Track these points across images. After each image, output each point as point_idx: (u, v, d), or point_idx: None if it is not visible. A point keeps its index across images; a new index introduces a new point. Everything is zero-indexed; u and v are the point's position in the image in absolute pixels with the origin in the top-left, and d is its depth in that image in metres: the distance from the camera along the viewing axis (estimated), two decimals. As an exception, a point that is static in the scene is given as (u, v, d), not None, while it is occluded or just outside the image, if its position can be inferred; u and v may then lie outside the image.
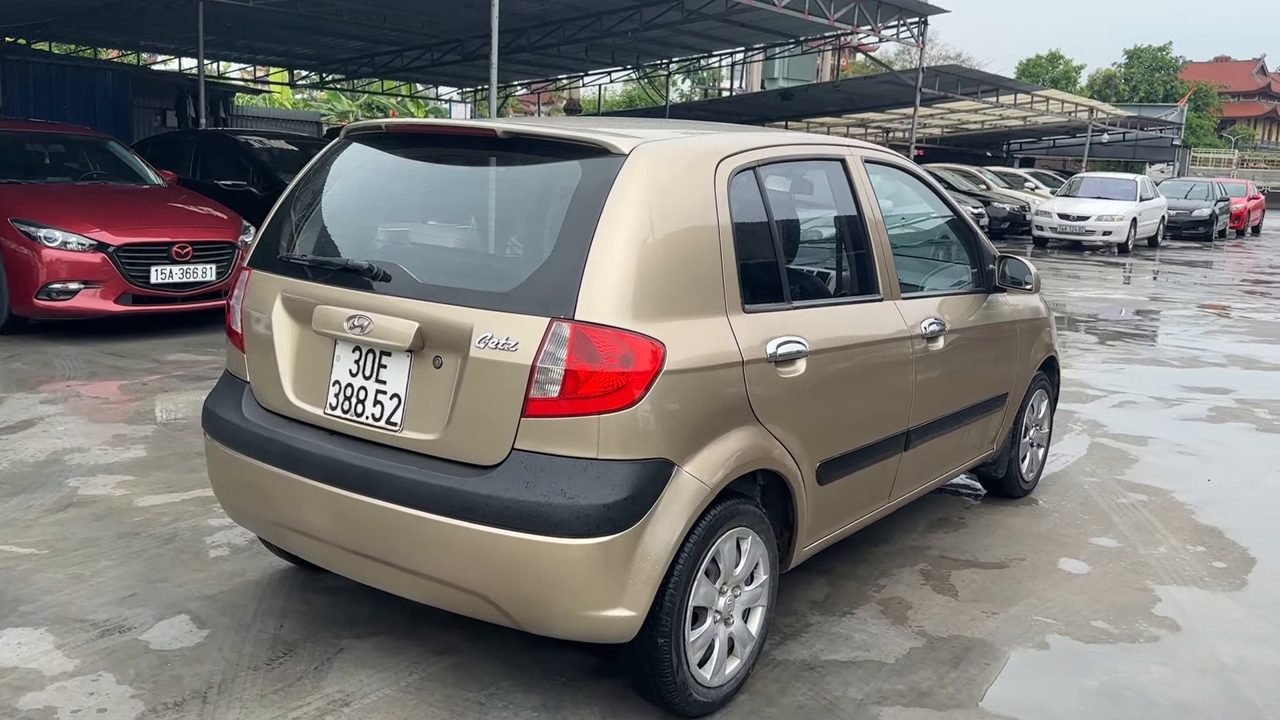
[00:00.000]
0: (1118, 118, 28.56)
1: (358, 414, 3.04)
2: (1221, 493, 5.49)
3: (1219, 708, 3.28)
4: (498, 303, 2.81)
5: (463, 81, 26.15)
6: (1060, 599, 4.04)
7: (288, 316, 3.23)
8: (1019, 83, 21.86)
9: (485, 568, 2.77)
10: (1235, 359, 9.68)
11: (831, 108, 25.32)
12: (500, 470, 2.76)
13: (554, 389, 2.71)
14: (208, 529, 4.36)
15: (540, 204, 3.04)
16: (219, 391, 3.52)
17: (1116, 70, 76.12)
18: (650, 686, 2.96)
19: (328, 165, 3.45)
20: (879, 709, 3.17)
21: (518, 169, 3.16)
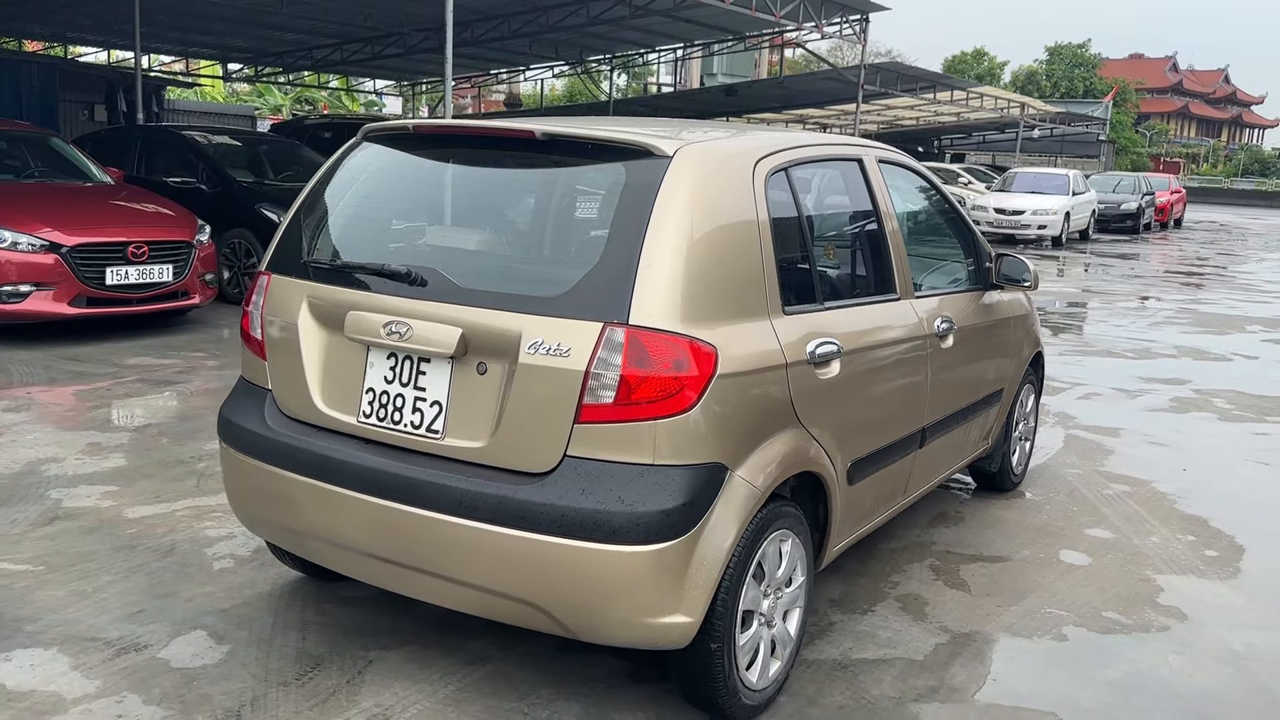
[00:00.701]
0: (1047, 114, 29.24)
1: (395, 422, 2.97)
2: (1198, 482, 5.65)
3: (1240, 696, 3.37)
4: (546, 308, 2.76)
5: (402, 75, 25.79)
6: (1068, 590, 4.12)
7: (315, 323, 3.14)
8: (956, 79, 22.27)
9: (539, 576, 2.73)
10: (1185, 350, 9.97)
11: (773, 104, 25.51)
12: (553, 478, 2.72)
13: (608, 395, 2.67)
14: (206, 540, 4.24)
15: (583, 207, 3.00)
16: (236, 400, 3.41)
17: (1038, 67, 77.86)
18: (702, 692, 2.95)
19: (345, 167, 3.37)
20: (918, 706, 3.20)
21: (557, 171, 3.11)
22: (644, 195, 2.80)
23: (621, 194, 2.84)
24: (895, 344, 3.67)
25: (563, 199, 3.12)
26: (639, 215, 2.77)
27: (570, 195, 3.09)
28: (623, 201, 2.83)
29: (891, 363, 3.64)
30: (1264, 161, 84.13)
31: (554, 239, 3.11)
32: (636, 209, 2.78)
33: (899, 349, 3.70)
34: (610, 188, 2.89)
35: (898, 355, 3.69)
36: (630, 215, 2.79)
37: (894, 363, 3.66)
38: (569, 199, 3.09)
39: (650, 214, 2.76)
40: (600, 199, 2.95)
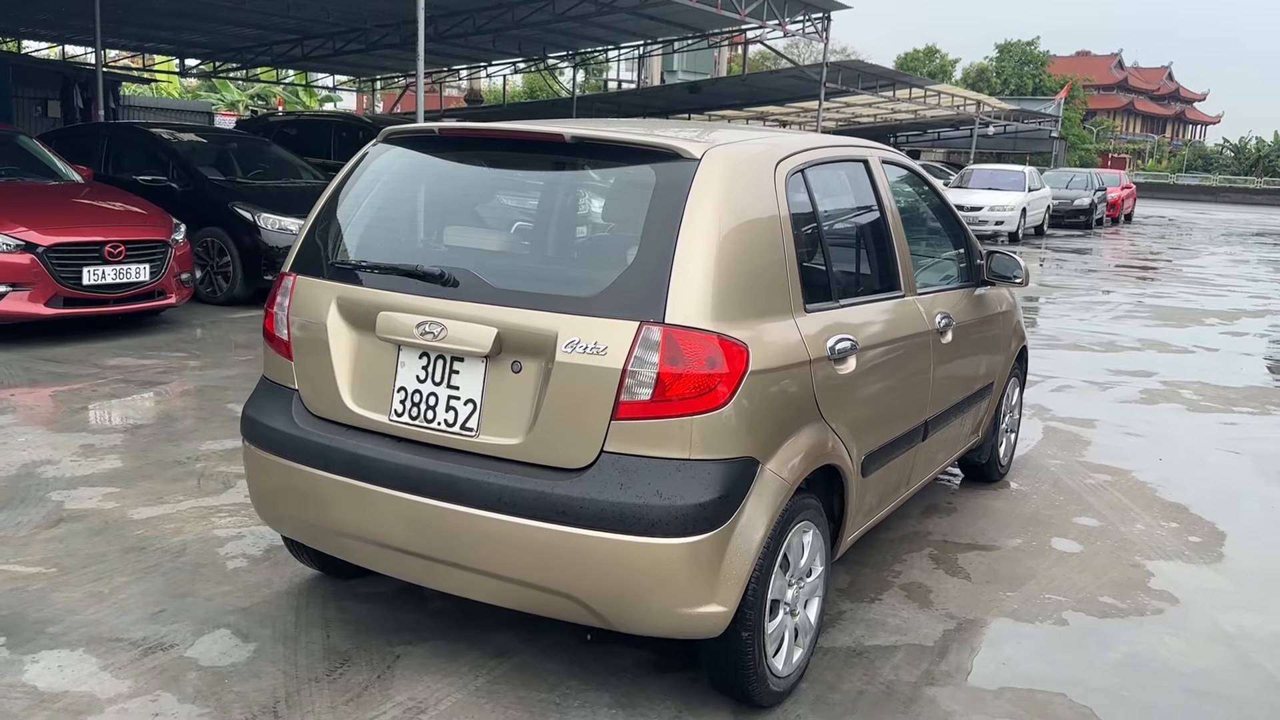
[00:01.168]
0: (1001, 110, 29.73)
1: (428, 420, 3.02)
2: (1175, 471, 5.84)
3: (1235, 673, 3.53)
4: (582, 307, 2.83)
5: (361, 71, 25.60)
6: (1064, 577, 4.27)
7: (344, 323, 3.18)
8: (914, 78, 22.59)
9: (577, 569, 2.80)
10: (1148, 342, 10.24)
11: (735, 101, 25.72)
12: (591, 473, 2.79)
13: (645, 392, 2.75)
14: (216, 540, 4.25)
15: (614, 208, 3.07)
16: (259, 399, 3.44)
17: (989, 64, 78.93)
18: (732, 680, 3.03)
19: (367, 170, 3.41)
20: (934, 690, 3.31)
21: (586, 174, 3.18)
22: (674, 197, 2.87)
23: (652, 196, 2.92)
24: (904, 340, 3.79)
25: (592, 201, 3.18)
26: (670, 216, 2.85)
27: (600, 197, 3.16)
28: (654, 203, 2.90)
29: (901, 358, 3.76)
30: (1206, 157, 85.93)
31: (585, 240, 3.17)
32: (667, 210, 2.86)
33: (907, 345, 3.81)
34: (640, 190, 2.96)
35: (906, 351, 3.80)
36: (662, 216, 2.86)
37: (903, 358, 3.78)
38: (598, 201, 3.16)
39: (682, 215, 2.84)
40: (630, 201, 3.02)
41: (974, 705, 3.23)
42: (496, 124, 3.16)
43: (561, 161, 3.19)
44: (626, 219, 3.00)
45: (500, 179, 3.30)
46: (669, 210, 2.86)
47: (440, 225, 3.32)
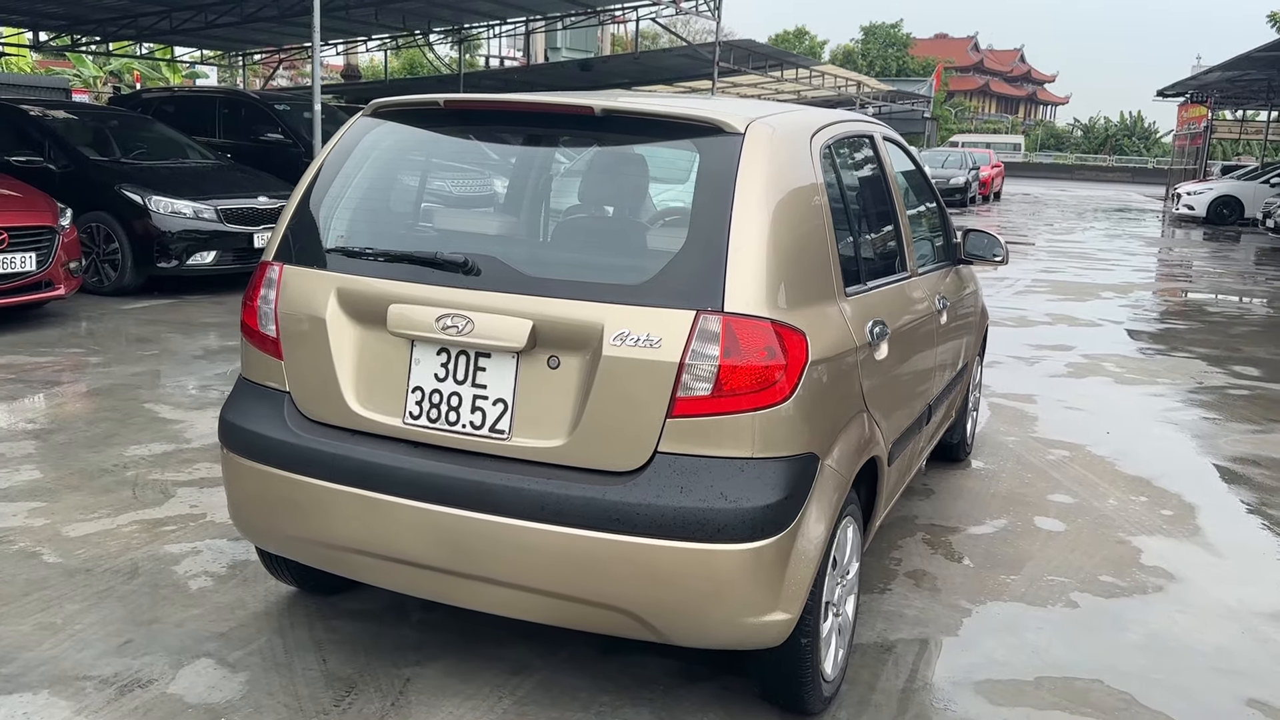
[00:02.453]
0: (879, 91, 30.33)
1: (450, 422, 2.75)
2: (1125, 444, 5.93)
3: (1251, 648, 3.54)
4: (630, 296, 2.60)
5: (232, 45, 24.35)
6: (1059, 557, 4.24)
7: (346, 317, 2.87)
8: (802, 58, 22.76)
9: (633, 580, 2.57)
10: (1057, 317, 10.50)
11: (625, 79, 25.46)
12: (646, 476, 2.57)
13: (704, 387, 2.54)
14: (170, 557, 3.86)
15: (655, 188, 2.84)
16: (240, 403, 3.09)
17: (855, 46, 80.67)
18: (788, 689, 2.86)
19: (358, 146, 3.08)
20: (973, 684, 3.21)
21: (620, 149, 2.93)
22: (723, 174, 2.66)
23: (698, 173, 2.70)
24: (919, 322, 3.67)
25: (627, 179, 2.94)
26: (720, 196, 2.63)
27: (635, 175, 2.92)
28: (700, 182, 2.68)
29: (917, 341, 3.64)
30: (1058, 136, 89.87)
31: (624, 222, 2.93)
32: (717, 189, 2.65)
33: (921, 327, 3.70)
34: (682, 166, 2.74)
35: (920, 334, 3.69)
36: (710, 196, 2.65)
37: (918, 341, 3.66)
38: (634, 179, 2.92)
39: (733, 194, 2.63)
40: (672, 179, 2.80)
41: (1017, 697, 3.15)
42: (510, 96, 2.88)
43: (588, 136, 2.93)
44: (668, 198, 2.78)
45: (519, 156, 3.02)
46: (718, 189, 2.65)
47: (453, 207, 3.03)
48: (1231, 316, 11.28)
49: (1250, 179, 26.95)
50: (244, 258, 9.70)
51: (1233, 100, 33.02)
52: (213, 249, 9.40)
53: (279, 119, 12.48)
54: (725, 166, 2.67)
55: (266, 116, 12.57)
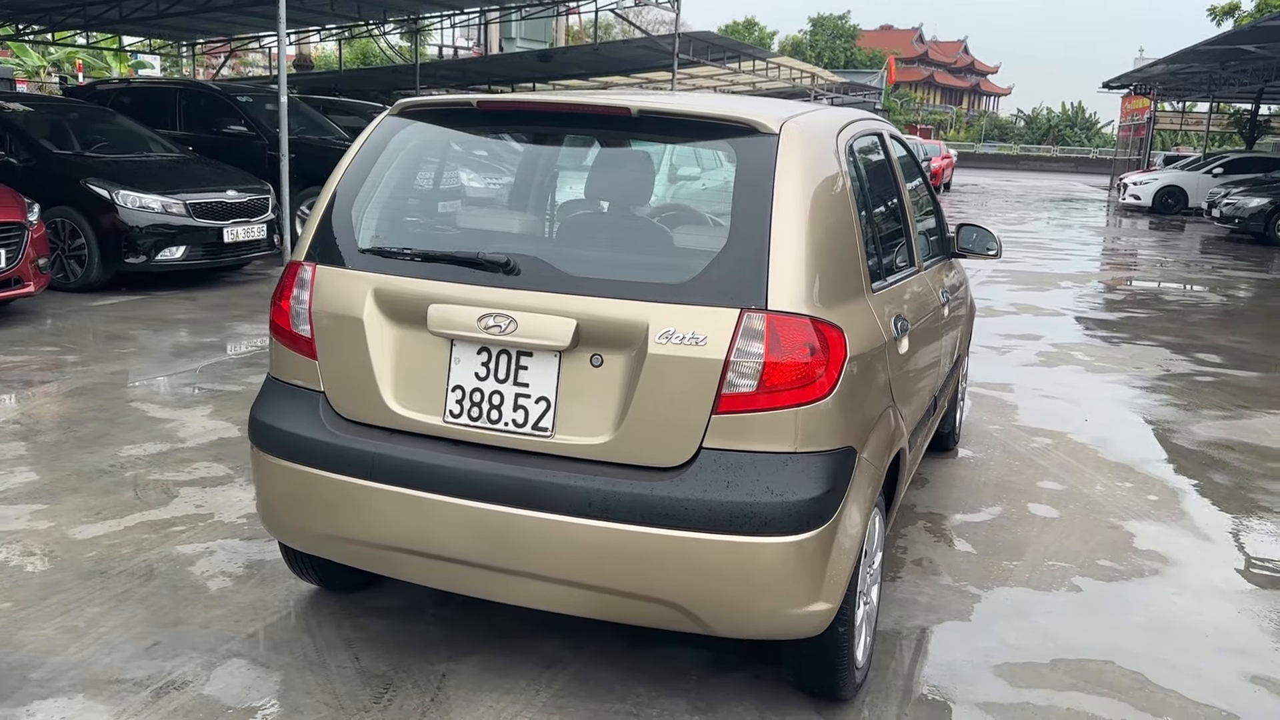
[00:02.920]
0: (833, 83, 30.60)
1: (492, 421, 2.78)
2: (1104, 432, 6.10)
3: (1248, 628, 3.68)
4: (674, 295, 2.65)
5: (183, 35, 23.88)
6: (1056, 543, 4.37)
7: (384, 317, 2.88)
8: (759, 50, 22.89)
9: (681, 574, 2.63)
10: (1021, 306, 10.71)
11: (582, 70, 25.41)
12: (692, 471, 2.62)
13: (749, 384, 2.60)
14: (184, 558, 3.84)
15: (689, 187, 2.88)
16: (271, 402, 3.09)
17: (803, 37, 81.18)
18: (824, 678, 2.93)
19: (388, 147, 3.09)
20: (993, 667, 3.31)
21: (654, 149, 2.97)
22: (761, 173, 2.72)
23: (737, 173, 2.75)
24: (930, 315, 3.76)
25: (665, 179, 2.98)
26: (760, 195, 2.69)
27: (673, 175, 2.97)
28: (740, 181, 2.74)
29: (929, 334, 3.73)
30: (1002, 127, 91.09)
31: (664, 221, 2.97)
32: (756, 188, 2.70)
33: (932, 320, 3.79)
34: (719, 166, 2.79)
35: (931, 327, 3.78)
36: (750, 195, 2.70)
37: (930, 334, 3.75)
38: (672, 179, 2.96)
39: (772, 193, 2.69)
40: (710, 178, 2.85)
41: (1035, 679, 3.25)
42: (544, 96, 2.91)
43: (624, 137, 2.96)
44: (708, 198, 2.83)
45: (552, 156, 3.05)
46: (757, 188, 2.70)
47: (489, 208, 3.05)
48: (1188, 305, 11.59)
49: (1194, 169, 27.59)
50: (213, 252, 9.58)
51: (1175, 92, 33.77)
52: (182, 244, 9.26)
53: (242, 111, 12.31)
54: (763, 166, 2.73)
55: (228, 108, 12.40)
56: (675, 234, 2.94)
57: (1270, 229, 18.75)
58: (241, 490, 4.53)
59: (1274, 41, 19.10)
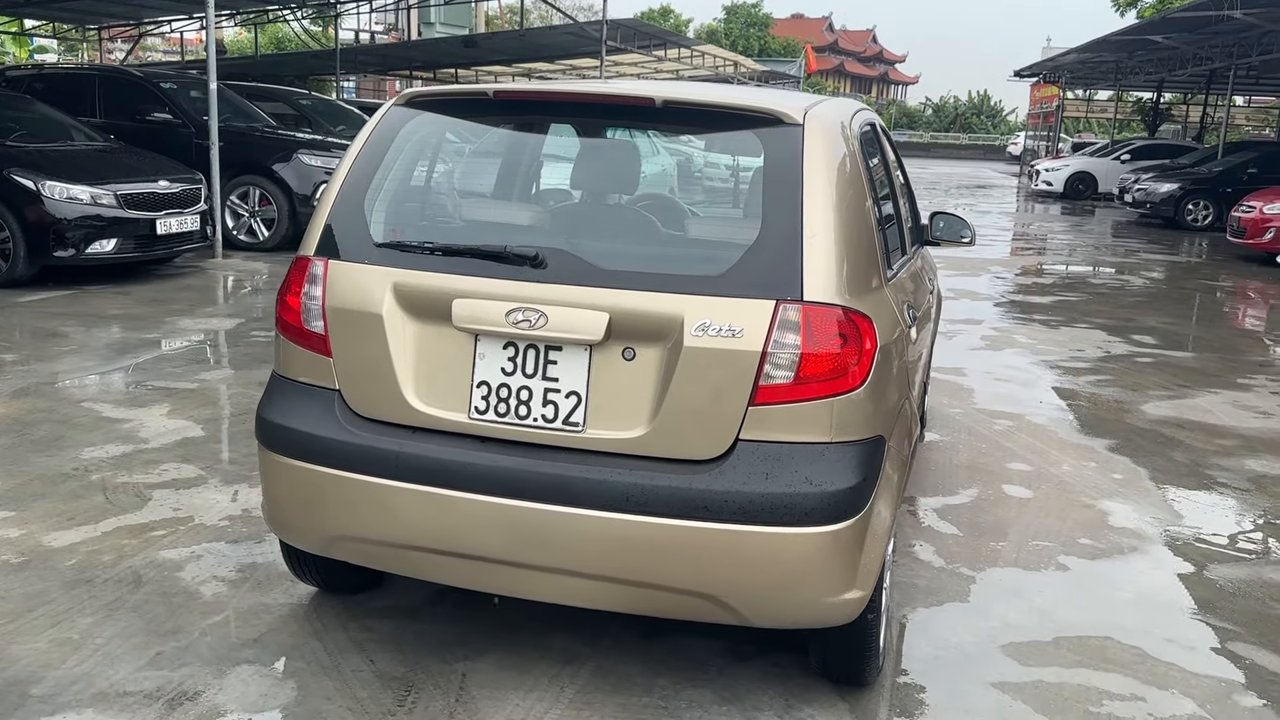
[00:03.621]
0: (755, 72, 30.84)
1: (520, 417, 2.74)
2: (1059, 413, 6.28)
3: (1229, 599, 3.82)
4: (709, 287, 2.64)
5: (88, 18, 22.97)
6: (1036, 522, 4.48)
7: (404, 312, 2.81)
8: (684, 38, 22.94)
9: (718, 566, 2.63)
10: (960, 291, 10.93)
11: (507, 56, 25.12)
12: (730, 463, 2.62)
13: (786, 375, 2.60)
14: (170, 564, 3.71)
15: (719, 177, 2.87)
16: (280, 402, 2.99)
17: (718, 25, 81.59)
18: (851, 664, 2.96)
19: (395, 137, 3.01)
20: (1001, 646, 3.38)
21: (677, 140, 2.95)
22: (788, 163, 2.72)
23: (765, 164, 2.75)
24: (926, 303, 3.82)
25: (691, 170, 2.97)
26: (789, 185, 2.70)
27: (699, 166, 2.95)
28: (769, 172, 2.74)
29: (924, 321, 3.79)
30: (911, 115, 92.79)
31: (696, 213, 2.95)
32: (784, 179, 2.71)
33: (928, 308, 3.85)
34: (747, 157, 2.79)
35: (925, 313, 3.84)
36: (780, 185, 2.71)
37: (924, 320, 3.82)
38: (698, 170, 2.95)
39: (801, 184, 2.69)
40: (737, 169, 2.84)
41: (1043, 657, 3.33)
42: (564, 86, 2.86)
43: (649, 127, 2.94)
44: (735, 188, 2.83)
45: (575, 148, 3.00)
46: (785, 179, 2.71)
47: (509, 200, 2.99)
48: (1115, 288, 11.97)
49: (1103, 156, 28.49)
50: (146, 245, 9.25)
51: (1082, 80, 34.80)
52: (113, 237, 8.92)
53: (166, 98, 11.89)
54: (790, 156, 2.73)
55: (151, 95, 11.96)
56: (705, 225, 2.93)
57: (1179, 213, 19.47)
58: (217, 492, 4.39)
59: (1180, 32, 19.81)
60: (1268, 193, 14.85)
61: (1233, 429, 6.07)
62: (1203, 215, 19.32)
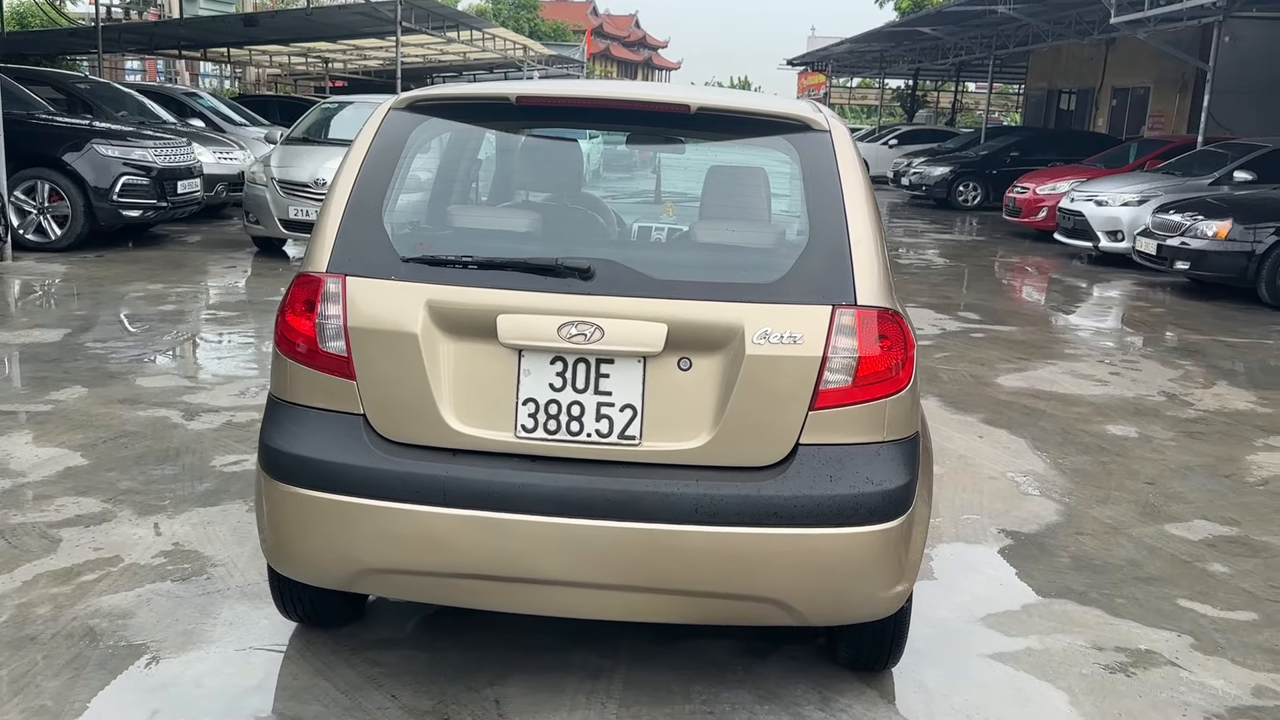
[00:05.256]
0: (542, 55, 30.70)
1: (572, 433, 2.67)
2: (927, 389, 6.67)
3: (1149, 555, 4.21)
4: (767, 294, 2.66)
5: None
6: (959, 497, 4.76)
7: (441, 330, 2.67)
8: (478, 20, 22.48)
9: (786, 570, 2.66)
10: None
11: (288, 35, 23.81)
12: (794, 469, 2.66)
13: (843, 379, 2.67)
14: (119, 611, 3.37)
15: (758, 184, 2.87)
16: (292, 431, 2.77)
17: (486, 6, 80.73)
18: (885, 651, 3.06)
19: (404, 144, 2.84)
20: (979, 619, 3.59)
21: (711, 146, 2.92)
22: (826, 170, 2.78)
23: (803, 170, 2.79)
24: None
25: (728, 176, 2.94)
26: (830, 191, 2.75)
27: (736, 172, 2.93)
28: (808, 177, 2.78)
29: None
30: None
31: (738, 220, 2.93)
32: (824, 184, 2.76)
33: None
34: (783, 163, 2.82)
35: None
36: (821, 191, 2.76)
37: None
38: (735, 176, 2.93)
39: (841, 189, 2.76)
40: (774, 175, 2.86)
41: (1021, 626, 3.56)
42: (592, 91, 2.79)
43: (678, 133, 2.90)
44: (775, 194, 2.84)
45: (607, 155, 2.93)
46: (825, 184, 2.76)
47: (546, 209, 2.88)
48: (920, 268, 12.78)
49: (872, 141, 30.21)
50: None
51: (848, 69, 36.75)
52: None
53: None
54: (825, 162, 2.79)
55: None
56: (755, 232, 2.93)
57: (951, 195, 20.96)
58: (134, 526, 4.02)
59: (949, 25, 21.29)
60: (1038, 175, 16.26)
61: (1081, 397, 6.65)
62: (972, 196, 20.87)
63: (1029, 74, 29.53)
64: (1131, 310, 10.36)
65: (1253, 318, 9.80)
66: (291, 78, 36.12)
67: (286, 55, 29.00)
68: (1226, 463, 5.45)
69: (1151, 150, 15.68)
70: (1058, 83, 27.61)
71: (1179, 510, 4.73)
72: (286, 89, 35.93)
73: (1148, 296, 11.03)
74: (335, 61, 31.17)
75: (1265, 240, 10.18)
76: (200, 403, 5.66)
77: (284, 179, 10.60)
